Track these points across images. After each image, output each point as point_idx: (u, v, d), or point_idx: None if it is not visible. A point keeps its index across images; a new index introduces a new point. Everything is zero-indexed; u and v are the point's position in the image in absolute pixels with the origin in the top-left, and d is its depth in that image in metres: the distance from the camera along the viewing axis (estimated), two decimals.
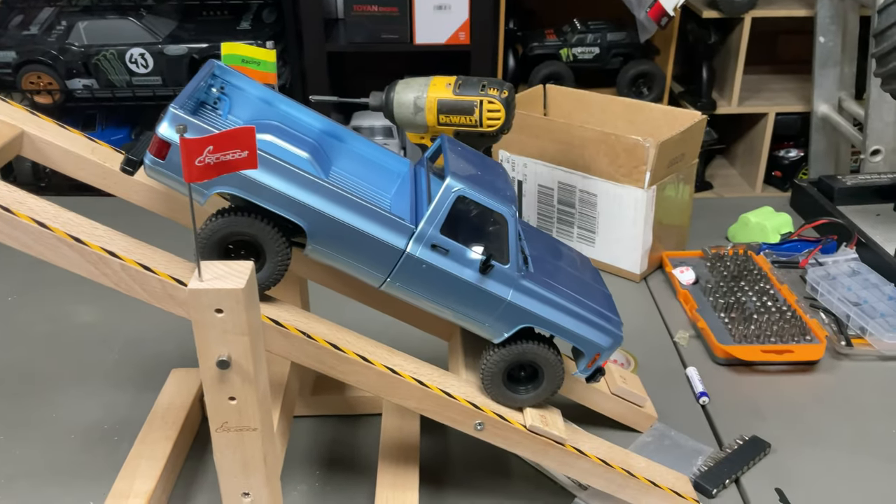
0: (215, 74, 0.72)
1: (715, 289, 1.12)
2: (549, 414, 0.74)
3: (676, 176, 1.19)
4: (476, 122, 1.03)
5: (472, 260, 0.67)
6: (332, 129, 0.76)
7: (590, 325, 0.71)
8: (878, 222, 1.28)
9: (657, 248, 1.21)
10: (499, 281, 0.68)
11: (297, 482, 0.82)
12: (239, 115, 0.72)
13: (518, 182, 1.29)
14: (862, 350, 1.01)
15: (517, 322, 0.69)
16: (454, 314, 0.69)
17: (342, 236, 0.64)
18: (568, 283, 0.73)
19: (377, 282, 0.67)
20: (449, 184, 0.65)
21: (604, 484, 0.75)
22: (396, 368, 0.69)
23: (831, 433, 0.89)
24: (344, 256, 0.66)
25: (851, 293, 1.07)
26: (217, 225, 0.63)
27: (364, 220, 0.64)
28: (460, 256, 0.67)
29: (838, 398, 0.94)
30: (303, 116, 0.75)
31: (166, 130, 0.61)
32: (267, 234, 0.64)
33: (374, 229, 0.65)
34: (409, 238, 0.65)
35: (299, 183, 0.62)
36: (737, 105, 2.54)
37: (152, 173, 0.63)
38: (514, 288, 0.68)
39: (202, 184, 0.61)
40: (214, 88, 0.71)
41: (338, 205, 0.64)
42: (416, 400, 0.70)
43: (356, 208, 0.64)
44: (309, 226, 0.64)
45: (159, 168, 0.62)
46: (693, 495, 0.77)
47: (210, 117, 0.69)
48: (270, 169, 0.62)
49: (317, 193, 0.63)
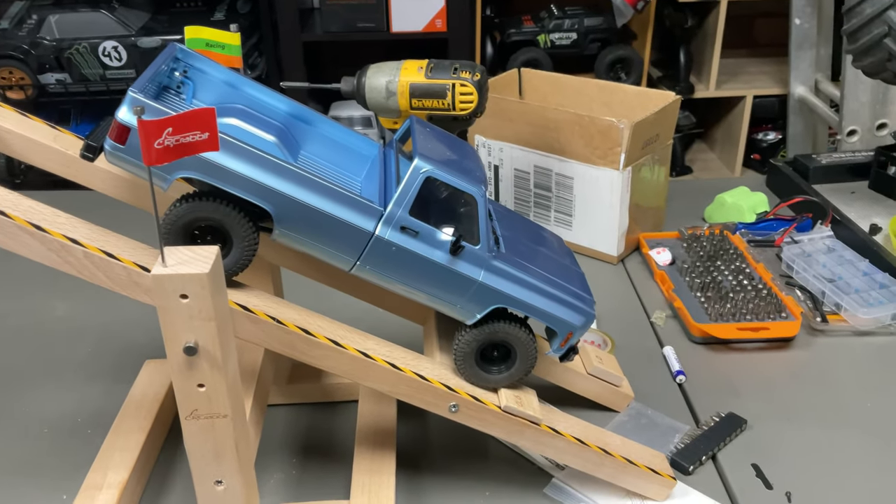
0: (178, 58, 0.71)
1: (691, 269, 1.12)
2: (523, 394, 0.74)
3: (651, 157, 1.19)
4: (449, 106, 1.03)
5: (443, 241, 0.66)
6: (300, 113, 0.75)
7: (562, 304, 0.71)
8: (852, 200, 1.29)
9: (634, 230, 1.21)
10: (470, 262, 0.67)
11: (273, 470, 0.82)
12: (203, 98, 0.70)
13: (494, 167, 1.28)
14: (837, 326, 1.01)
15: (489, 303, 0.69)
16: (426, 296, 0.69)
17: (309, 220, 0.63)
18: (540, 263, 0.72)
19: (347, 265, 0.66)
20: (417, 165, 0.64)
21: (580, 463, 0.75)
22: (369, 352, 0.68)
23: (807, 408, 0.89)
24: (312, 240, 0.65)
25: (826, 270, 1.08)
26: (181, 210, 0.62)
27: (331, 203, 0.63)
28: (430, 238, 0.66)
29: (814, 374, 0.95)
30: (269, 100, 0.74)
31: (125, 114, 0.59)
32: (232, 218, 0.63)
33: (341, 212, 0.64)
34: (378, 220, 0.65)
35: (264, 166, 0.61)
36: (714, 89, 2.55)
37: (113, 159, 0.61)
38: (485, 268, 0.68)
39: (164, 168, 0.60)
40: (177, 72, 0.70)
41: (304, 188, 0.62)
42: (389, 384, 0.69)
43: (323, 191, 0.63)
44: (275, 210, 0.63)
45: (119, 153, 0.60)
46: (670, 472, 0.77)
47: (174, 102, 0.68)
48: (234, 152, 0.61)
49: (282, 176, 0.62)
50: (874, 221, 1.20)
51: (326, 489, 0.80)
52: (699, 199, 1.35)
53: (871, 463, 0.82)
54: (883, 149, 1.31)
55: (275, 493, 0.79)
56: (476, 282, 0.68)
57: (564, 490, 0.78)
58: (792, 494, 0.77)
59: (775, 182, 1.41)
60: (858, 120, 2.10)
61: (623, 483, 0.76)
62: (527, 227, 0.80)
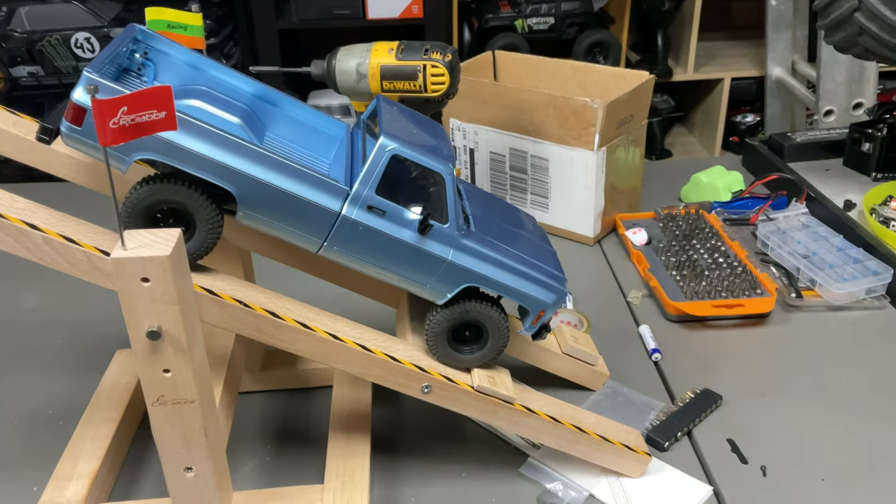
0: (138, 39, 0.69)
1: (667, 248, 1.12)
2: (497, 374, 0.73)
3: (626, 137, 1.18)
4: (420, 88, 1.02)
5: (411, 220, 0.65)
6: (265, 94, 0.74)
7: (533, 281, 0.70)
8: (827, 177, 1.29)
9: (610, 211, 1.21)
10: (438, 241, 0.67)
11: (247, 457, 0.81)
12: (165, 80, 0.69)
13: (470, 150, 1.28)
14: (812, 301, 1.02)
15: (459, 282, 0.68)
16: (396, 277, 0.68)
17: (273, 201, 0.62)
18: (511, 241, 0.72)
19: (314, 247, 0.65)
20: (382, 143, 0.63)
21: (554, 441, 0.74)
22: (339, 334, 0.67)
23: (782, 383, 0.90)
24: (277, 222, 0.64)
25: (801, 246, 1.08)
26: (141, 193, 0.61)
27: (295, 183, 0.62)
28: (398, 217, 0.65)
29: (789, 349, 0.95)
30: (234, 81, 0.73)
31: (81, 95, 0.58)
32: (195, 201, 0.61)
33: (306, 192, 0.62)
34: (344, 200, 0.64)
35: (226, 146, 0.60)
36: (693, 72, 2.55)
37: (70, 141, 0.60)
38: (454, 247, 0.67)
39: (122, 150, 0.59)
40: (138, 54, 0.69)
41: (267, 168, 0.61)
42: (360, 366, 0.68)
43: (287, 171, 0.62)
44: (238, 191, 0.61)
45: (76, 135, 0.59)
46: (645, 449, 0.77)
47: (134, 84, 0.66)
48: (194, 132, 0.59)
49: (244, 156, 0.61)
50: (848, 198, 1.21)
51: (301, 474, 0.79)
52: (675, 180, 1.36)
53: (845, 436, 0.82)
54: (857, 126, 1.31)
55: (249, 480, 0.79)
56: (445, 261, 0.67)
57: (540, 469, 0.78)
58: (767, 468, 0.78)
59: (751, 161, 1.41)
60: (835, 100, 2.11)
61: (598, 460, 0.76)
62: (498, 207, 0.80)
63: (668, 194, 1.35)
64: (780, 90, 2.46)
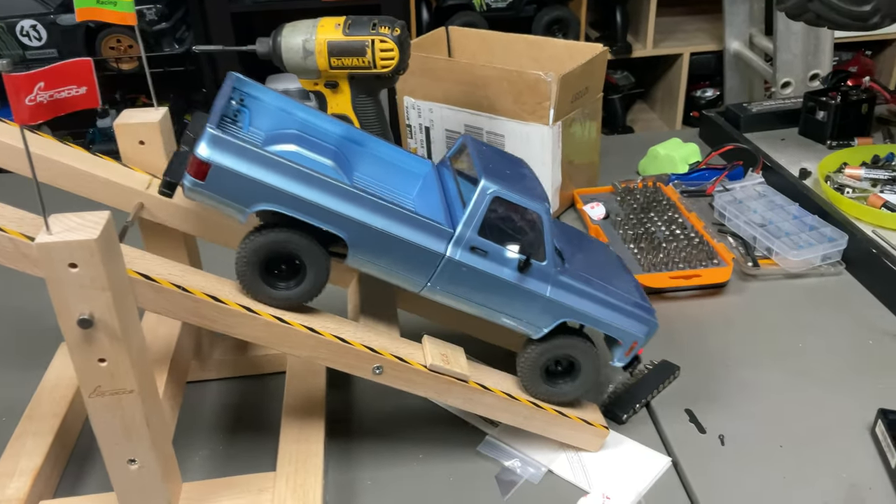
0: (235, 87, 0.71)
1: (625, 221, 1.11)
2: (450, 352, 0.72)
3: (581, 111, 1.17)
4: (370, 64, 0.99)
5: (511, 259, 0.67)
6: (350, 134, 0.76)
7: (626, 314, 0.72)
8: (783, 146, 1.30)
9: (568, 186, 1.20)
10: (537, 278, 0.68)
11: (198, 447, 0.79)
12: (259, 125, 0.71)
13: (425, 128, 1.26)
14: (768, 270, 1.02)
15: (556, 317, 0.70)
16: (492, 313, 0.69)
17: (383, 245, 0.64)
18: (599, 273, 0.73)
19: (417, 287, 0.67)
20: (484, 185, 0.65)
21: (510, 418, 0.73)
22: (285, 317, 0.65)
23: (739, 353, 0.90)
24: (385, 264, 0.65)
25: (757, 215, 1.08)
26: (257, 243, 0.63)
27: (405, 228, 0.64)
28: (499, 256, 0.67)
29: (746, 318, 0.95)
30: (321, 123, 0.75)
31: (205, 151, 0.59)
32: (308, 248, 0.63)
33: (415, 236, 0.64)
34: (448, 242, 0.65)
35: (341, 195, 0.62)
36: (652, 47, 2.55)
37: (192, 195, 0.61)
38: (551, 284, 0.69)
39: (242, 202, 0.60)
40: (234, 101, 0.71)
41: (377, 214, 0.63)
42: (308, 348, 0.66)
43: (397, 216, 0.64)
44: (350, 236, 0.63)
45: (200, 189, 0.60)
46: (602, 422, 0.76)
47: (232, 130, 0.68)
48: (310, 183, 0.61)
49: (356, 204, 0.63)
50: (804, 166, 1.21)
51: (255, 462, 0.77)
52: (633, 153, 1.35)
53: (802, 402, 0.82)
54: (811, 94, 1.31)
55: (201, 469, 0.76)
56: (543, 297, 0.68)
57: (498, 446, 0.77)
58: (725, 437, 0.78)
59: (708, 133, 1.41)
60: (792, 71, 2.12)
61: (555, 435, 0.75)
62: (575, 236, 0.81)
63: (626, 168, 1.34)
64: (738, 64, 2.46)
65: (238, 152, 0.59)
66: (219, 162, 0.59)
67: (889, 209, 1.06)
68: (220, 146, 0.59)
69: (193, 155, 0.59)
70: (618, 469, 0.74)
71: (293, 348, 0.66)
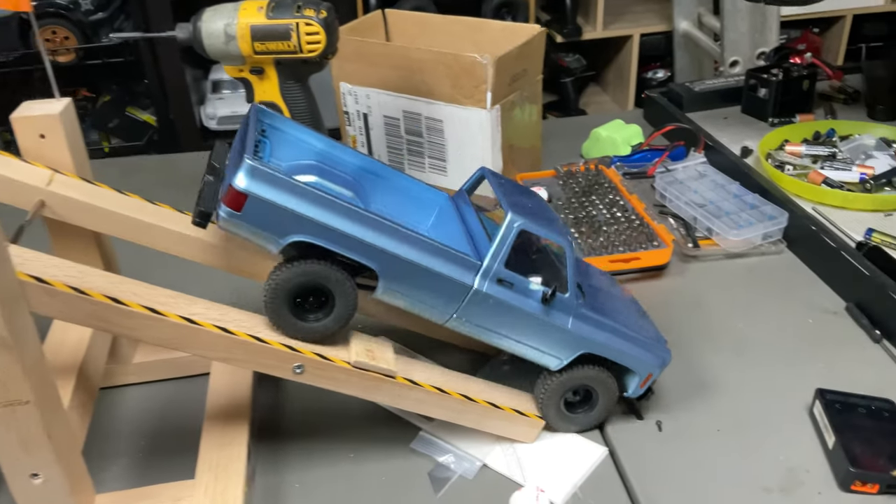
0: (259, 118, 0.70)
1: (566, 205, 1.09)
2: (377, 347, 0.69)
3: (521, 94, 1.15)
4: (295, 48, 0.96)
5: (534, 291, 0.67)
6: (367, 165, 0.75)
7: (641, 346, 0.72)
8: (726, 125, 1.29)
9: (510, 171, 1.18)
10: (560, 310, 0.68)
11: (118, 456, 0.75)
12: (280, 156, 0.72)
13: (363, 115, 1.22)
14: (709, 250, 1.01)
15: (576, 349, 0.70)
16: (515, 344, 0.69)
17: (413, 276, 0.64)
18: (614, 305, 0.74)
19: (443, 318, 0.67)
20: (511, 218, 0.65)
21: (442, 412, 0.71)
22: (195, 317, 0.62)
23: (679, 336, 0.88)
24: (413, 296, 0.65)
25: (698, 196, 1.07)
26: (288, 275, 0.62)
27: (435, 259, 0.64)
28: (524, 288, 0.67)
29: (686, 300, 0.94)
30: (339, 153, 0.74)
31: (242, 182, 0.58)
32: (338, 280, 0.63)
33: (444, 267, 0.64)
34: (476, 273, 0.65)
35: (372, 226, 0.62)
36: (602, 29, 2.54)
37: (227, 226, 0.61)
38: (573, 316, 0.69)
39: (276, 232, 0.60)
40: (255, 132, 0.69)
41: (409, 245, 0.63)
42: (222, 350, 0.63)
43: (426, 247, 0.63)
44: (381, 268, 0.63)
45: (236, 220, 0.60)
46: (536, 413, 0.74)
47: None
48: (344, 214, 0.61)
49: (388, 235, 0.62)
50: (746, 144, 1.20)
51: (178, 470, 0.73)
52: (577, 136, 1.33)
53: (741, 385, 0.81)
54: (752, 71, 1.31)
55: (119, 479, 0.73)
56: (565, 329, 0.68)
57: (432, 442, 0.75)
58: (663, 423, 0.76)
59: (651, 113, 1.39)
60: (739, 50, 2.11)
61: (489, 428, 0.73)
62: (589, 270, 0.81)
63: (571, 151, 1.32)
64: (687, 44, 2.46)
65: (275, 183, 0.59)
66: (256, 193, 0.58)
67: (829, 185, 1.06)
68: (258, 177, 0.58)
69: (230, 185, 0.58)
70: (553, 460, 0.72)
71: (205, 350, 0.63)
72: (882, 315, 0.86)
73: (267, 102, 1.01)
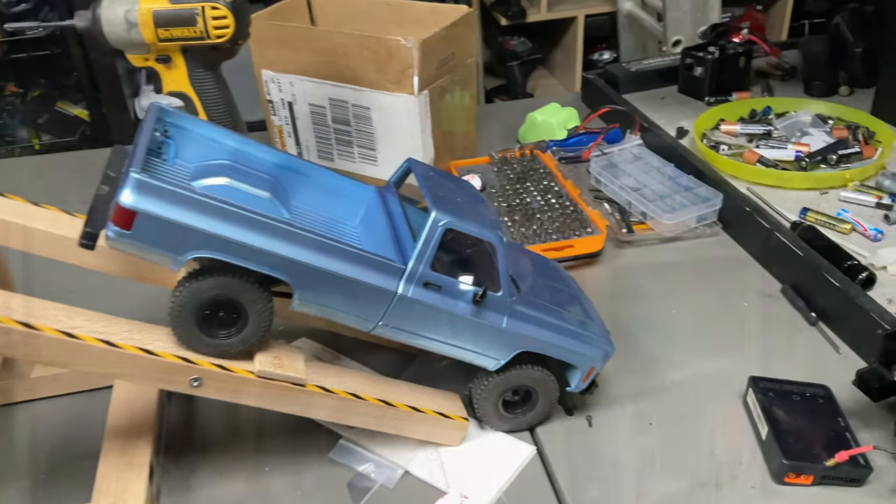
0: (158, 118, 0.65)
1: (500, 193, 1.05)
2: (286, 354, 0.65)
3: (451, 78, 1.10)
4: (202, 34, 0.90)
5: (465, 292, 0.63)
6: (286, 162, 0.70)
7: (583, 340, 0.68)
8: (662, 105, 1.26)
9: (443, 158, 1.13)
10: (492, 310, 0.64)
11: (15, 478, 0.70)
12: (186, 157, 0.67)
13: (288, 103, 1.17)
14: (643, 235, 0.98)
15: (513, 348, 0.66)
16: (447, 348, 0.65)
17: (331, 286, 0.59)
18: (555, 298, 0.70)
19: (368, 327, 0.62)
20: (435, 217, 0.61)
21: (359, 420, 0.67)
22: (76, 331, 0.56)
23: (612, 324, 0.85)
24: (333, 306, 0.61)
25: (632, 179, 1.04)
26: (192, 291, 0.57)
27: (352, 266, 0.59)
28: (453, 290, 0.62)
29: (620, 287, 0.91)
30: (254, 151, 0.69)
31: (129, 198, 0.53)
32: (248, 293, 0.58)
33: (363, 274, 0.60)
34: (400, 279, 0.61)
35: (280, 236, 0.57)
36: (546, 11, 2.50)
37: (118, 245, 0.55)
38: (507, 314, 0.65)
39: (174, 250, 0.56)
40: (157, 132, 0.64)
41: (323, 253, 0.58)
42: (108, 365, 0.58)
43: (343, 255, 0.59)
44: (294, 279, 0.58)
45: (126, 240, 0.55)
46: (462, 413, 0.71)
47: (155, 165, 0.62)
48: (246, 224, 0.56)
49: (299, 244, 0.57)
50: (681, 125, 1.18)
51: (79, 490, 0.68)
52: (517, 121, 1.29)
53: (675, 374, 0.79)
54: (688, 50, 1.28)
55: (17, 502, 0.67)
56: (500, 329, 0.64)
57: (352, 451, 0.71)
58: (593, 418, 0.73)
59: (588, 95, 1.36)
60: (682, 29, 2.09)
61: (410, 433, 0.69)
62: (522, 256, 0.76)
63: (509, 136, 1.28)
64: (631, 24, 2.44)
65: (167, 197, 0.54)
66: (145, 209, 0.53)
67: (764, 165, 1.04)
68: (146, 191, 0.53)
69: (116, 203, 0.53)
70: (479, 464, 0.69)
71: (90, 366, 0.58)
72: (817, 297, 0.84)
73: (176, 93, 0.95)
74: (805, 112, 1.17)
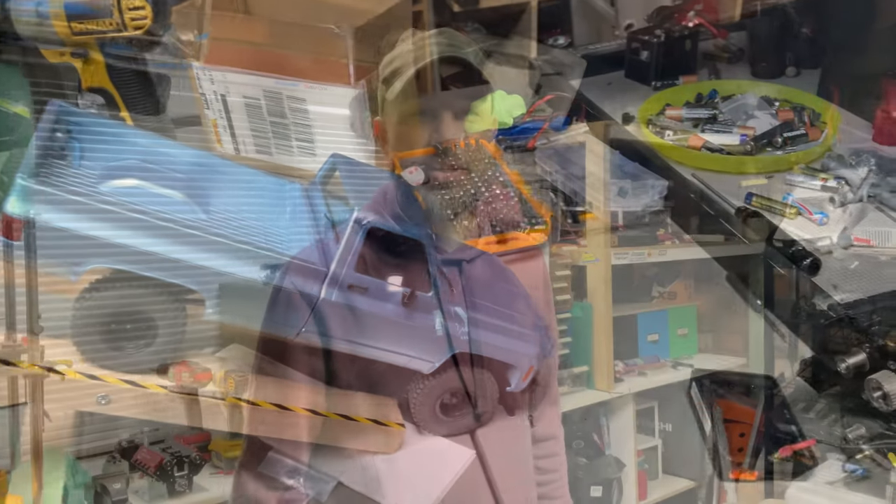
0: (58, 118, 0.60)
1: (443, 185, 1.02)
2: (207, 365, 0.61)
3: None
4: (119, 26, 0.85)
5: (393, 293, 0.61)
6: (203, 160, 0.67)
7: (521, 339, 0.67)
8: (609, 91, 1.24)
9: (385, 151, 1.10)
10: (423, 311, 0.62)
11: None
12: (93, 158, 0.61)
13: (221, 97, 1.12)
14: (589, 225, 0.96)
15: (448, 349, 0.64)
16: (377, 352, 0.62)
17: (247, 294, 0.56)
18: (491, 296, 0.68)
19: (290, 332, 0.59)
20: (358, 216, 0.59)
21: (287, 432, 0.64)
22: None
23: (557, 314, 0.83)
24: (250, 314, 0.58)
25: (578, 168, 1.01)
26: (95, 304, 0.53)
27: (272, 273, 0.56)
28: (381, 292, 0.60)
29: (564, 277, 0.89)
30: (167, 150, 0.65)
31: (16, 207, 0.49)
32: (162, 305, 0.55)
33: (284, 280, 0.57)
34: (322, 282, 0.58)
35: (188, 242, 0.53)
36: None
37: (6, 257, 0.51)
38: (440, 315, 0.63)
39: (73, 260, 0.51)
40: (59, 133, 0.60)
41: (235, 259, 0.55)
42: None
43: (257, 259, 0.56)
44: (205, 289, 0.54)
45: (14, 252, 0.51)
46: (399, 420, 0.68)
47: (59, 169, 0.57)
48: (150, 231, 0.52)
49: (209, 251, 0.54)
50: (627, 110, 1.16)
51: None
52: None
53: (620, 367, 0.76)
54: (634, 34, 1.26)
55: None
56: (432, 330, 0.62)
57: (282, 463, 0.67)
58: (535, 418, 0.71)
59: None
60: (633, 13, 2.07)
61: (343, 443, 0.66)
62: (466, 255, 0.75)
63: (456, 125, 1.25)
64: (585, 9, 2.41)
65: (59, 204, 0.50)
66: (34, 218, 0.50)
67: (709, 150, 1.03)
68: (35, 199, 0.50)
69: (2, 212, 0.50)
70: (416, 470, 0.66)
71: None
72: (762, 284, 0.83)
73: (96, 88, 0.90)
74: (751, 94, 1.16)
